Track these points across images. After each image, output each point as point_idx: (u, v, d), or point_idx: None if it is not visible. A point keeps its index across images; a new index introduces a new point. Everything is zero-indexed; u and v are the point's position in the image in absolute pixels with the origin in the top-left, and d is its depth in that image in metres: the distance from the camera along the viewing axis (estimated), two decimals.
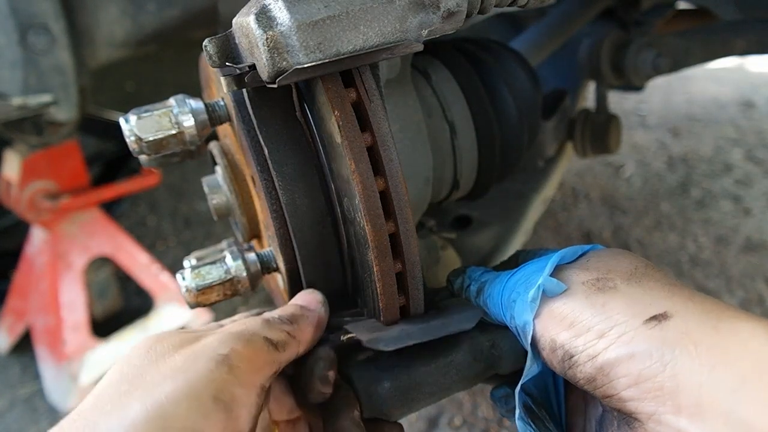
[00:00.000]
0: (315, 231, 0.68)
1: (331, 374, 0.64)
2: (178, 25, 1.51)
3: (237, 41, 0.58)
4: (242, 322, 0.62)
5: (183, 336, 0.59)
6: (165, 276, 2.24)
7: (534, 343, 0.58)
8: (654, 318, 0.52)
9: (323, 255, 0.69)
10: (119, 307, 2.33)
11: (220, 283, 0.73)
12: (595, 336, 0.53)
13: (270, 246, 0.76)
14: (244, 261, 0.74)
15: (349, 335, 0.64)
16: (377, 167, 0.59)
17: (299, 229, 0.67)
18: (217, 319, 2.33)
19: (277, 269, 0.75)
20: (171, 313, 2.25)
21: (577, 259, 0.63)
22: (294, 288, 0.72)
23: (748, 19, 1.40)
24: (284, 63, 0.53)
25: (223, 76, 0.59)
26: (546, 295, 0.58)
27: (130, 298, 2.42)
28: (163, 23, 1.49)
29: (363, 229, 0.59)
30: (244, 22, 0.54)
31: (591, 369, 0.52)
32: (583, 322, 0.54)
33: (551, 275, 0.59)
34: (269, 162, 0.66)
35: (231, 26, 0.58)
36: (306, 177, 0.66)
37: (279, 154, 0.66)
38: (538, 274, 0.60)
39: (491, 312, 0.65)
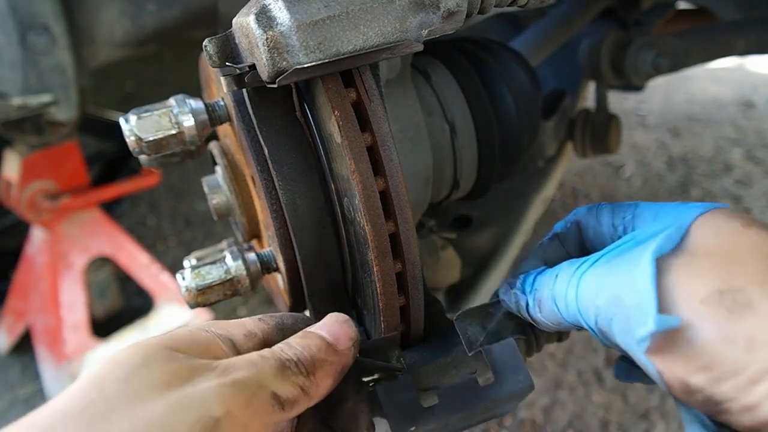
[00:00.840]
0: (315, 231, 0.68)
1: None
2: (178, 25, 1.51)
3: (237, 41, 0.58)
4: (253, 362, 0.50)
5: (175, 368, 0.47)
6: (165, 276, 2.24)
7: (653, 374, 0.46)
8: None
9: (323, 255, 0.69)
10: (119, 307, 2.33)
11: (220, 283, 0.72)
12: (748, 382, 0.41)
13: (270, 246, 0.76)
14: (244, 261, 0.73)
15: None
16: (377, 167, 0.59)
17: (299, 229, 0.67)
18: (217, 318, 2.33)
19: (277, 269, 0.75)
20: (171, 313, 2.24)
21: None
22: (294, 288, 0.72)
23: (748, 19, 1.40)
24: (284, 63, 0.53)
25: (223, 76, 0.59)
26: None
27: (130, 298, 2.42)
28: (163, 23, 1.49)
29: (363, 229, 0.59)
30: (244, 22, 0.54)
31: (751, 421, 0.42)
32: (725, 364, 0.42)
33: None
34: (269, 162, 0.66)
35: (231, 26, 0.58)
36: (306, 177, 0.66)
37: (279, 154, 0.66)
38: (624, 275, 0.46)
39: (565, 318, 0.52)
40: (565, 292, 0.51)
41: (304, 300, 0.72)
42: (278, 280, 0.80)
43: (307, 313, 0.76)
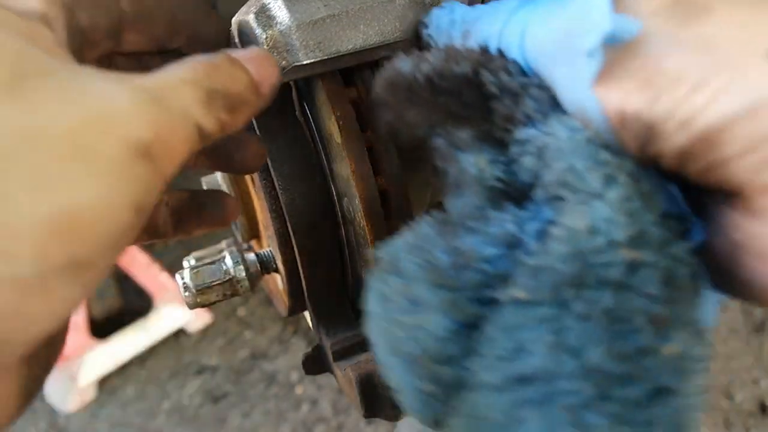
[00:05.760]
0: (315, 231, 0.68)
1: None
2: None
3: (237, 40, 0.58)
4: (174, 86, 0.37)
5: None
6: (164, 276, 2.24)
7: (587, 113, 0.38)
8: None
9: (323, 255, 0.69)
10: (119, 307, 2.33)
11: (219, 284, 0.72)
12: (691, 89, 0.34)
13: (269, 246, 0.76)
14: (244, 261, 0.73)
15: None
16: (377, 167, 0.59)
17: (299, 230, 0.67)
18: (216, 318, 2.33)
19: (276, 270, 0.75)
20: (170, 314, 2.25)
21: None
22: (293, 288, 0.72)
23: None
24: (283, 62, 0.53)
25: None
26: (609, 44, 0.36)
27: (130, 298, 2.42)
28: None
29: (363, 229, 0.59)
30: (244, 22, 0.54)
31: (686, 138, 0.34)
32: (668, 73, 0.34)
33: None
34: (269, 162, 0.66)
35: (231, 25, 0.58)
36: (306, 177, 0.66)
37: (279, 154, 0.66)
38: (577, 9, 0.38)
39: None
40: (507, 33, 0.43)
41: (303, 300, 0.72)
42: (277, 281, 0.80)
43: (307, 313, 0.76)
